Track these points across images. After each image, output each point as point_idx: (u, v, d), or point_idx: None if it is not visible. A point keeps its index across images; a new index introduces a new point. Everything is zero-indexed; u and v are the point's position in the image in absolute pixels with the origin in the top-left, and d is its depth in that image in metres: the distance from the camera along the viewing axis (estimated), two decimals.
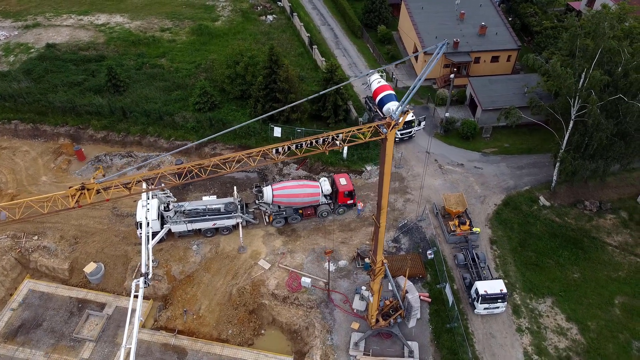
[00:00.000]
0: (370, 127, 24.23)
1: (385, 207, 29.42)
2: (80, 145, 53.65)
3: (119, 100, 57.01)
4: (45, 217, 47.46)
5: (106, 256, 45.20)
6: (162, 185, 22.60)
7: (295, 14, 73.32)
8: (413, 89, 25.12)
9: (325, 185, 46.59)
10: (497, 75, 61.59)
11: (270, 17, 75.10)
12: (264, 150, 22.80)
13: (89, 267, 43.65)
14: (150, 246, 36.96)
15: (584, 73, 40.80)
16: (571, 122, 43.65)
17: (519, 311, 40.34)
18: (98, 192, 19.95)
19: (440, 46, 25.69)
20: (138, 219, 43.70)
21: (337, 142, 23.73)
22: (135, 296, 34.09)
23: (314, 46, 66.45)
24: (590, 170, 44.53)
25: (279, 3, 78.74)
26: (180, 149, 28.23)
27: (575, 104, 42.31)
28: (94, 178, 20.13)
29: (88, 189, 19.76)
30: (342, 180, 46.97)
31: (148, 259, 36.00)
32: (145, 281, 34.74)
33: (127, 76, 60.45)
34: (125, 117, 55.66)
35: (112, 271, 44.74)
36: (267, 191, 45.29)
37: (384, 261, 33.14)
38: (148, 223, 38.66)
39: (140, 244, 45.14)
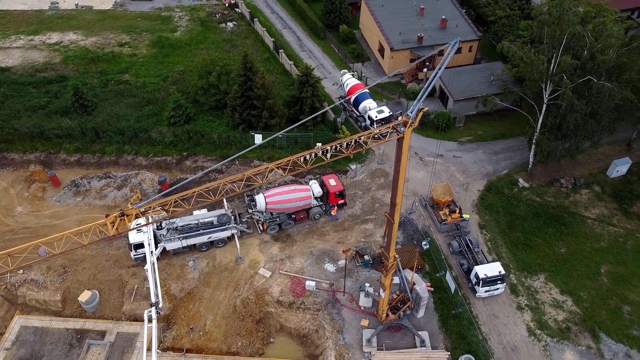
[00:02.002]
0: (388, 127, 24.88)
1: (399, 204, 30.19)
2: (54, 171, 51.60)
3: (88, 120, 55.21)
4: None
5: (99, 282, 43.85)
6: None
7: (256, 19, 73.08)
8: (427, 88, 25.98)
9: (315, 187, 46.97)
10: (462, 66, 63.71)
11: (230, 24, 74.51)
12: (293, 160, 22.95)
13: (84, 296, 42.25)
14: (157, 273, 36.14)
15: (553, 58, 43.05)
16: (544, 106, 45.94)
17: (516, 290, 42.19)
18: (137, 217, 19.57)
19: (452, 44, 26.61)
20: (131, 241, 42.73)
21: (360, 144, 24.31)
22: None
23: (280, 50, 66.54)
24: (564, 150, 47.04)
25: (237, 10, 78.20)
26: (219, 164, 27.66)
27: (548, 88, 44.59)
28: (131, 203, 19.71)
29: (127, 215, 19.32)
30: (332, 181, 47.52)
31: (156, 287, 35.23)
32: (157, 311, 34.06)
33: (93, 95, 58.56)
34: (99, 137, 53.95)
35: (107, 297, 43.44)
36: (260, 199, 45.26)
37: (396, 256, 33.96)
38: (152, 251, 37.78)
39: (134, 266, 44.43)
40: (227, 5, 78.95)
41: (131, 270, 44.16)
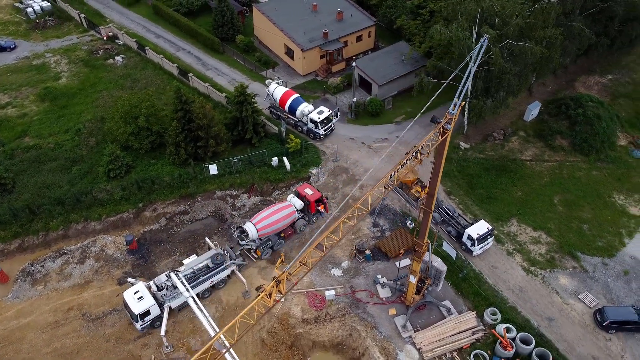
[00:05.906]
0: (439, 128, 26.87)
1: (435, 195, 32.35)
2: None
3: (14, 199, 48.72)
4: (21, 355, 40.21)
5: None
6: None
7: (147, 47, 69.10)
8: (463, 86, 28.22)
9: (296, 201, 47.29)
10: (367, 52, 67.29)
11: (119, 58, 69.44)
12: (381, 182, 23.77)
13: None
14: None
15: (474, 31, 48.15)
16: (471, 74, 51.04)
17: (500, 239, 47.25)
18: (287, 279, 19.02)
19: (482, 41, 28.91)
20: (136, 312, 39.56)
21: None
22: None
23: (190, 74, 64.14)
24: (493, 107, 53.03)
25: (118, 42, 72.95)
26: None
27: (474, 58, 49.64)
28: (276, 268, 19.07)
29: (280, 281, 18.71)
30: (308, 191, 48.17)
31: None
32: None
33: (5, 170, 51.44)
34: (35, 214, 47.96)
35: None
36: (250, 228, 44.48)
37: (428, 241, 36.35)
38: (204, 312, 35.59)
39: (140, 337, 41.48)
40: (105, 39, 73.19)
41: (140, 342, 40.97)
